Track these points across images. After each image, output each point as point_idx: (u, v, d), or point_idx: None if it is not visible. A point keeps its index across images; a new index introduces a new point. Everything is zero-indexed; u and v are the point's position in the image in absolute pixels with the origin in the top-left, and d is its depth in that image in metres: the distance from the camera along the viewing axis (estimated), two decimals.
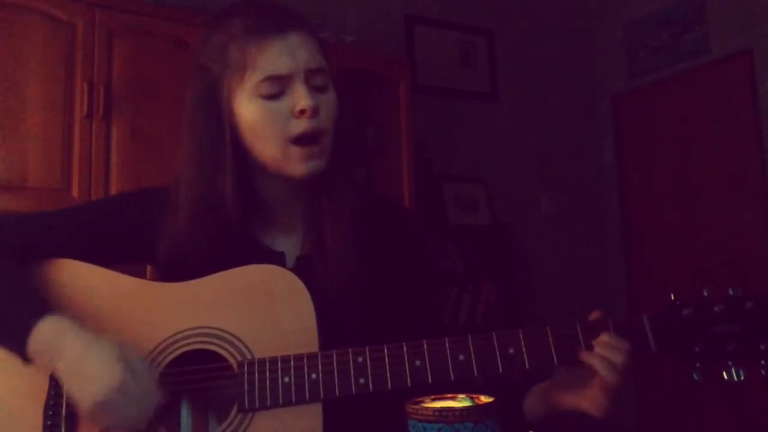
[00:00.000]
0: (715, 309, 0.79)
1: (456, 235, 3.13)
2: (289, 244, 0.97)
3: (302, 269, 0.91)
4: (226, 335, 0.85)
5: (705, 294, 0.81)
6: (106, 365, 0.77)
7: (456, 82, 3.44)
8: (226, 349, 0.84)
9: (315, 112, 0.88)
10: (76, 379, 0.78)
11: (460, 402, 0.69)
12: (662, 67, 3.58)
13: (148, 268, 1.42)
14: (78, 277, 0.90)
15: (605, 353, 0.79)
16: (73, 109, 2.05)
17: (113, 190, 2.06)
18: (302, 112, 0.87)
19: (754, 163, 3.17)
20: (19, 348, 0.80)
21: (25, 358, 0.81)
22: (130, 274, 0.91)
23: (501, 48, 3.61)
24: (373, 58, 2.75)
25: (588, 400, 0.82)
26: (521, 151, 3.60)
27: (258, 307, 0.86)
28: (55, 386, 0.83)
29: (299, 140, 0.88)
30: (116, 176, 2.09)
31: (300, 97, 0.87)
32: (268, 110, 0.87)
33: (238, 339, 0.85)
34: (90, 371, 0.77)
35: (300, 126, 0.88)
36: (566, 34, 3.90)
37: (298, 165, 0.89)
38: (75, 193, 2.02)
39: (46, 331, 0.80)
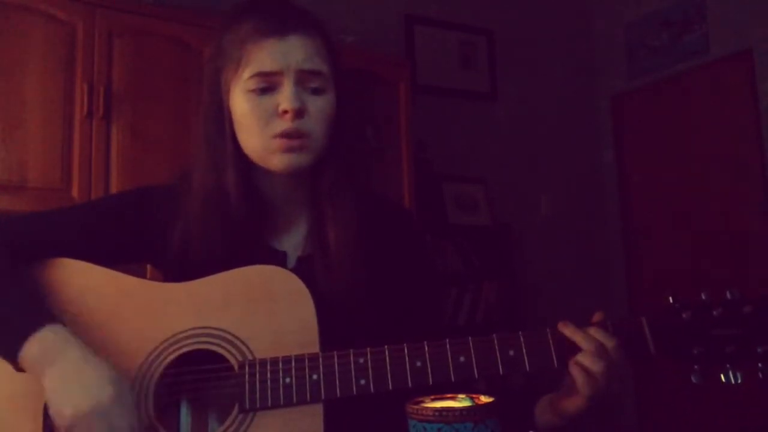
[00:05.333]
0: (714, 312, 0.79)
1: (456, 235, 3.12)
2: (291, 244, 0.97)
3: (303, 269, 0.91)
4: (227, 335, 0.85)
5: (703, 297, 0.81)
6: (99, 382, 0.76)
7: (456, 82, 3.44)
8: (227, 349, 0.85)
9: (299, 113, 0.88)
10: (65, 387, 0.77)
11: (460, 402, 0.69)
12: (662, 67, 3.58)
13: (148, 268, 1.43)
14: (78, 276, 0.90)
15: (584, 362, 0.79)
16: (73, 109, 2.05)
17: (113, 190, 2.06)
18: (285, 112, 0.87)
19: (754, 163, 3.17)
20: (12, 355, 0.80)
21: (17, 366, 0.80)
22: (130, 274, 0.91)
23: (501, 48, 3.61)
24: (373, 58, 2.75)
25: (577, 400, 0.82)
26: (521, 151, 3.60)
27: (259, 308, 0.86)
28: None
29: (280, 135, 0.88)
30: (116, 176, 2.09)
31: (284, 97, 0.87)
32: (255, 105, 0.88)
33: (239, 339, 0.85)
34: (81, 384, 0.76)
35: (282, 125, 0.88)
36: (566, 34, 3.90)
37: (278, 157, 0.89)
38: (75, 193, 2.03)
39: (45, 340, 0.79)
